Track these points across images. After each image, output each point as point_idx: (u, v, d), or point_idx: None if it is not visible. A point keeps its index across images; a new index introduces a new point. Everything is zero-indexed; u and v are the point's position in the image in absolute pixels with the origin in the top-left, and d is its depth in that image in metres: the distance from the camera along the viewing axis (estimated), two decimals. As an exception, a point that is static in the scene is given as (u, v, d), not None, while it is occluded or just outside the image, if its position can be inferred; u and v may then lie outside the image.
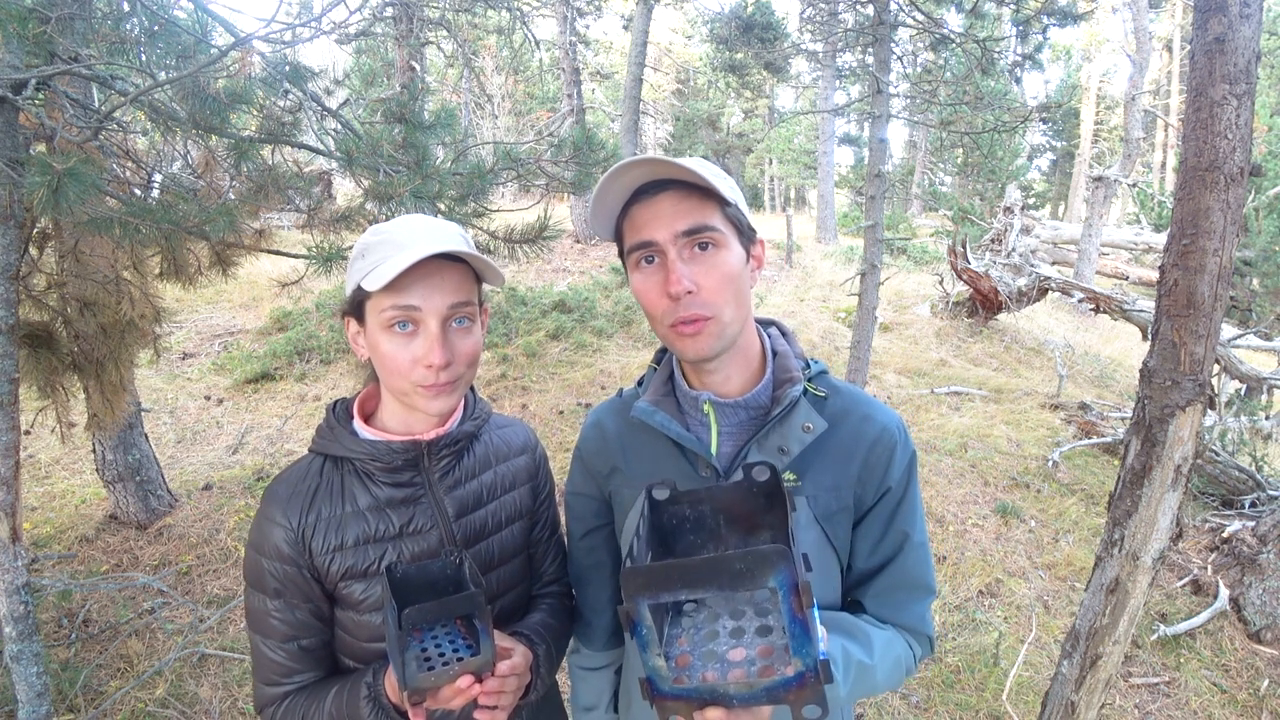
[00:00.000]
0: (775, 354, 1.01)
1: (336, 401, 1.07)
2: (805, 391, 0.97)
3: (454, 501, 1.04)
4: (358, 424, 1.03)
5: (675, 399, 1.02)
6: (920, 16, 5.14)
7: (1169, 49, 23.82)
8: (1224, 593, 3.24)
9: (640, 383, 1.09)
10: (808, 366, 1.01)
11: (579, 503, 1.14)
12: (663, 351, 1.09)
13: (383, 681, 0.90)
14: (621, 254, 0.96)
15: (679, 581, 0.60)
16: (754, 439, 0.95)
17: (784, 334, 1.06)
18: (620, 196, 0.92)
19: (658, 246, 0.89)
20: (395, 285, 0.90)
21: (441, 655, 0.84)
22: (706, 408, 0.97)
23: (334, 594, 0.99)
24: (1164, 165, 22.67)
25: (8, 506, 1.84)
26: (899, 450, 0.97)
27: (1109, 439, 5.16)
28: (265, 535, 0.96)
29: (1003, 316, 8.82)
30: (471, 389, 1.12)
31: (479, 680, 0.84)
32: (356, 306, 0.98)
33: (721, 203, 0.89)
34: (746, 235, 0.94)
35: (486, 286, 1.06)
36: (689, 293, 0.87)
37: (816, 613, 0.77)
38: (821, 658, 0.59)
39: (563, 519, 1.22)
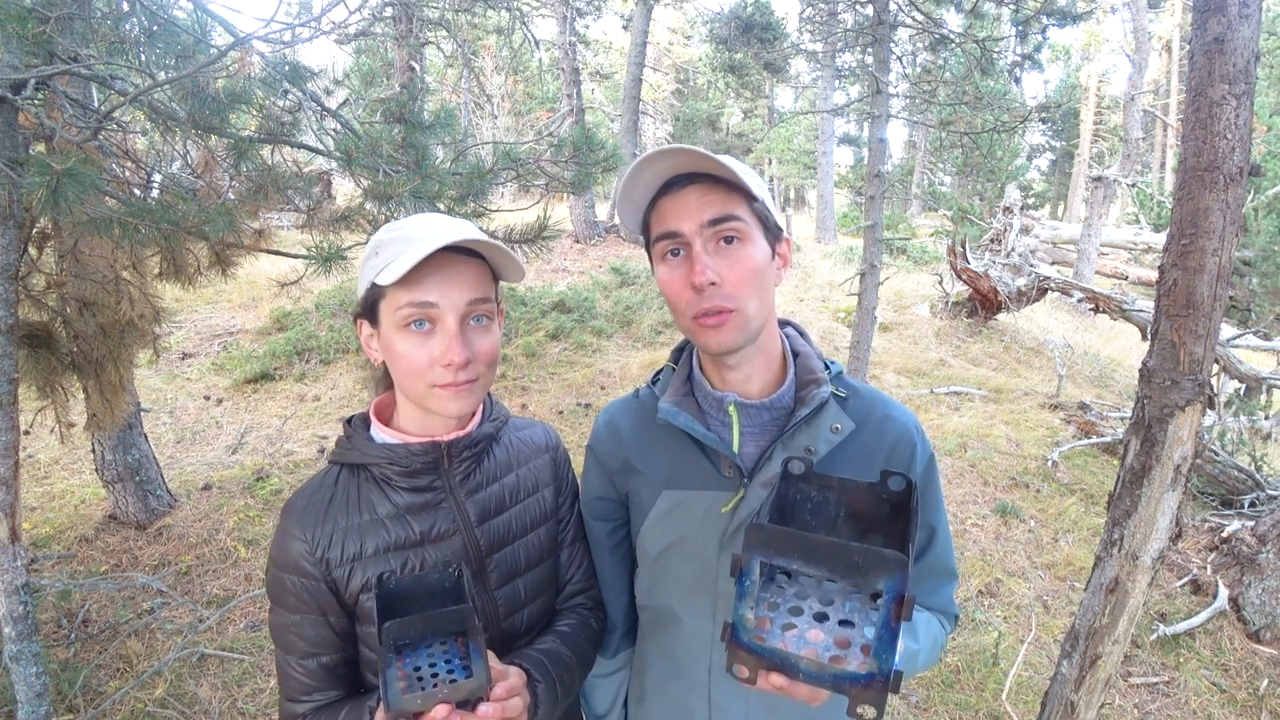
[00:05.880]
0: (797, 354, 1.01)
1: (353, 415, 1.03)
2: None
3: (475, 505, 0.99)
4: (375, 428, 0.99)
5: (695, 399, 1.01)
6: (920, 16, 5.14)
7: (1168, 49, 23.82)
8: (1223, 592, 3.24)
9: (654, 381, 1.08)
10: (827, 368, 1.01)
11: (595, 505, 1.13)
12: (679, 351, 1.08)
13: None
14: (648, 247, 0.96)
15: (797, 552, 0.63)
16: (779, 439, 0.95)
17: (801, 334, 1.06)
18: (647, 190, 0.92)
19: (683, 238, 0.89)
20: (411, 280, 0.86)
21: (435, 675, 0.78)
22: (731, 409, 0.97)
23: (355, 610, 0.95)
24: (1163, 165, 22.67)
25: (7, 506, 1.83)
26: (919, 450, 0.99)
27: (1108, 439, 5.16)
28: (284, 550, 0.93)
29: (1002, 316, 8.82)
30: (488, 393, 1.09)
31: (472, 707, 0.76)
32: (370, 307, 0.93)
33: (748, 197, 0.89)
34: (773, 232, 0.94)
35: (504, 285, 1.01)
36: (713, 284, 0.87)
37: (902, 628, 0.79)
38: (896, 668, 0.62)
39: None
